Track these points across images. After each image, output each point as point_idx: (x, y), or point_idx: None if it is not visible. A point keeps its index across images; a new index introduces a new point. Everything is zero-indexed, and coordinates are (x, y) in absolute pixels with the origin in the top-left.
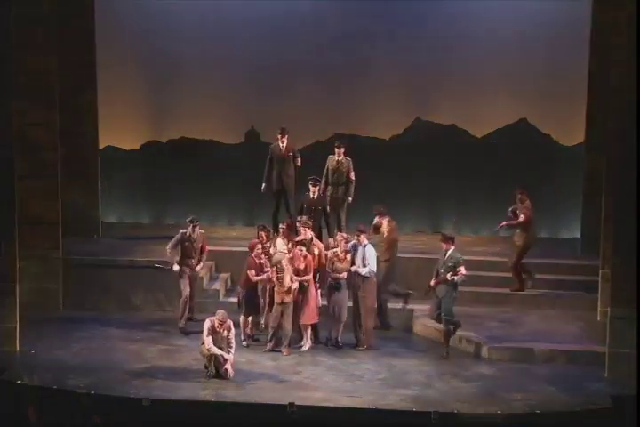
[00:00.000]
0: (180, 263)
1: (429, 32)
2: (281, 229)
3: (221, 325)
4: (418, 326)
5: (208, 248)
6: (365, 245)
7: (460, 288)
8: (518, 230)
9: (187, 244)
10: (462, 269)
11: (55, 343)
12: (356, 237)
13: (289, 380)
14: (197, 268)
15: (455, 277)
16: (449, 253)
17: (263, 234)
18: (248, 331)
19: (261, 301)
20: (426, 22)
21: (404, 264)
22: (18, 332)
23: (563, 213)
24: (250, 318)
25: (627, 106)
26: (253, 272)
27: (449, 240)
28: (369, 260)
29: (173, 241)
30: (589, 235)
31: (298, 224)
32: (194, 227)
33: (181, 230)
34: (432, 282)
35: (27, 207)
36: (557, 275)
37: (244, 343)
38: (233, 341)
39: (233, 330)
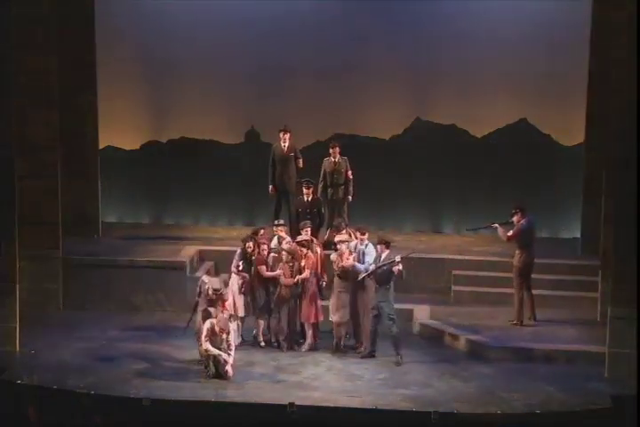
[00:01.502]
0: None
1: (429, 32)
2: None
3: (222, 328)
4: (417, 326)
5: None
6: (366, 245)
7: (460, 288)
8: (516, 251)
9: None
10: (399, 266)
11: (55, 343)
12: (359, 235)
13: (289, 380)
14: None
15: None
16: (384, 255)
17: (251, 244)
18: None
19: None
20: (426, 22)
21: (404, 264)
22: (18, 332)
23: (563, 213)
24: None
25: (627, 106)
26: (264, 268)
27: (384, 244)
28: (367, 257)
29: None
30: (589, 235)
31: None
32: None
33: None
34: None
35: (27, 207)
36: (557, 275)
37: (262, 344)
38: (233, 343)
39: (232, 332)
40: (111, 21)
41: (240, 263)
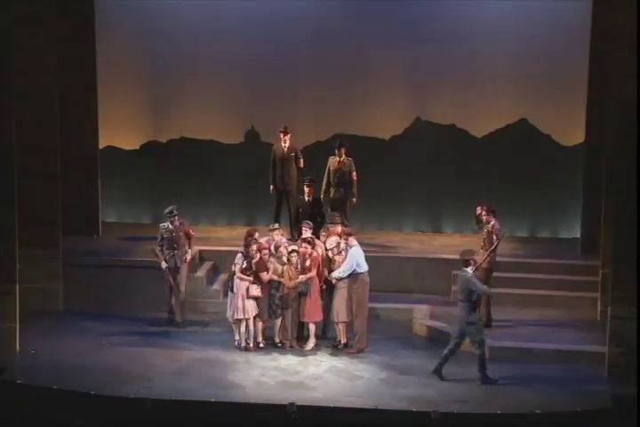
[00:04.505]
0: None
1: (429, 32)
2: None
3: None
4: (417, 326)
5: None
6: (351, 247)
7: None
8: (482, 252)
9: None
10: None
11: (55, 343)
12: (343, 240)
13: (289, 380)
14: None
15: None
16: (464, 278)
17: (255, 248)
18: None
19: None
20: (426, 22)
21: (404, 264)
22: (18, 332)
23: (563, 213)
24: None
25: (627, 106)
26: (264, 273)
27: (470, 263)
28: (345, 261)
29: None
30: (589, 235)
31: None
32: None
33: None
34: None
35: (27, 207)
36: (557, 275)
37: (261, 345)
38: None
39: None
40: (111, 21)
41: (244, 265)
